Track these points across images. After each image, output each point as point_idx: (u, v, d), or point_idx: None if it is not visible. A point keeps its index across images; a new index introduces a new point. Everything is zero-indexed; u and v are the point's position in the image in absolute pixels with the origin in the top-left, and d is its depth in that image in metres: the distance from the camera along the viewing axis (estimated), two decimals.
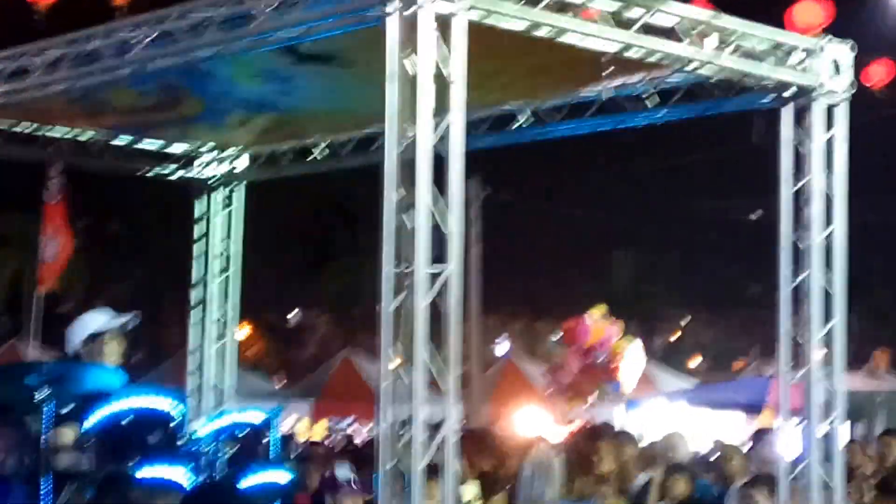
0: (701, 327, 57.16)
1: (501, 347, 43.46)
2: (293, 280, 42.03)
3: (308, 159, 12.96)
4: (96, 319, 9.33)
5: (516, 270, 40.55)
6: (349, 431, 26.03)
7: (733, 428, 21.90)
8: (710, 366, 50.51)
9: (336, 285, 38.63)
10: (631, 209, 42.42)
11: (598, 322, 20.64)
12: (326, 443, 21.30)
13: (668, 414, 23.05)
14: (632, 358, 27.29)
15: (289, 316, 46.70)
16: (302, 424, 26.70)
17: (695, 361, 52.70)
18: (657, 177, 41.33)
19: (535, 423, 21.34)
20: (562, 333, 21.43)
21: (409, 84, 8.03)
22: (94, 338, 9.22)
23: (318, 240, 40.24)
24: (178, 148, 13.27)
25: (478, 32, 8.41)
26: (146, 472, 8.40)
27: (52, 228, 19.86)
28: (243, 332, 42.17)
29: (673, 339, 55.91)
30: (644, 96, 11.03)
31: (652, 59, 9.47)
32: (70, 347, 9.35)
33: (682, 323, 58.34)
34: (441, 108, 8.11)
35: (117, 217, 40.36)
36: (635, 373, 27.35)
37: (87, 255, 40.25)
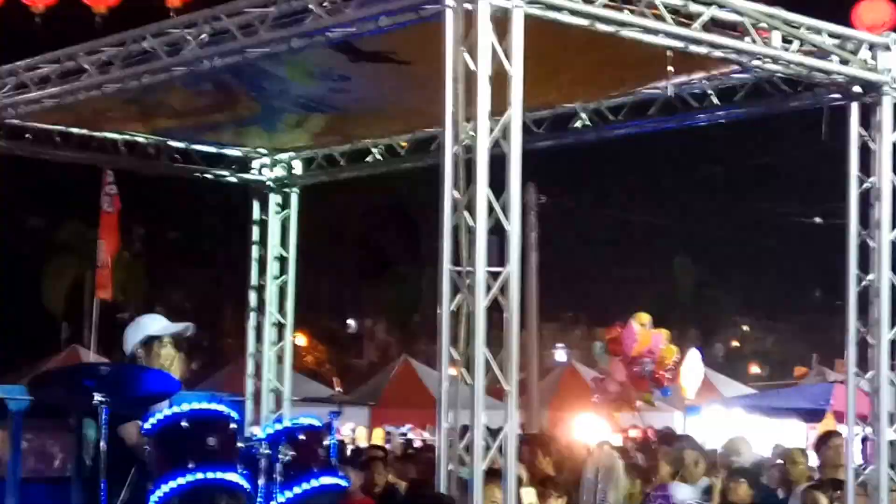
0: (762, 333, 56.78)
1: (560, 354, 43.32)
2: (352, 287, 42.03)
3: (365, 161, 12.81)
4: (153, 323, 9.24)
5: (576, 277, 40.35)
6: (408, 437, 25.91)
7: (792, 434, 21.65)
8: (770, 372, 50.12)
9: (395, 292, 38.56)
10: (692, 214, 42.10)
11: (644, 330, 20.45)
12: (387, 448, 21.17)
13: (728, 420, 22.81)
14: (691, 364, 27.10)
15: (348, 322, 46.74)
16: (359, 431, 26.61)
17: (755, 367, 52.36)
18: (718, 181, 41.02)
19: (594, 429, 21.11)
20: (607, 342, 21.27)
21: (467, 82, 7.88)
22: (150, 341, 9.13)
23: (378, 246, 40.20)
24: (234, 151, 13.16)
25: (536, 28, 8.24)
26: (206, 475, 8.29)
27: (106, 235, 19.97)
28: (302, 338, 42.29)
29: (734, 344, 55.58)
30: (708, 94, 10.79)
31: (716, 56, 9.25)
32: (126, 349, 9.26)
33: (744, 329, 57.99)
34: (499, 106, 7.94)
35: (177, 223, 40.52)
36: (695, 379, 27.16)
37: (147, 262, 40.51)
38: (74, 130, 12.26)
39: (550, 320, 38.57)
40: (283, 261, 13.33)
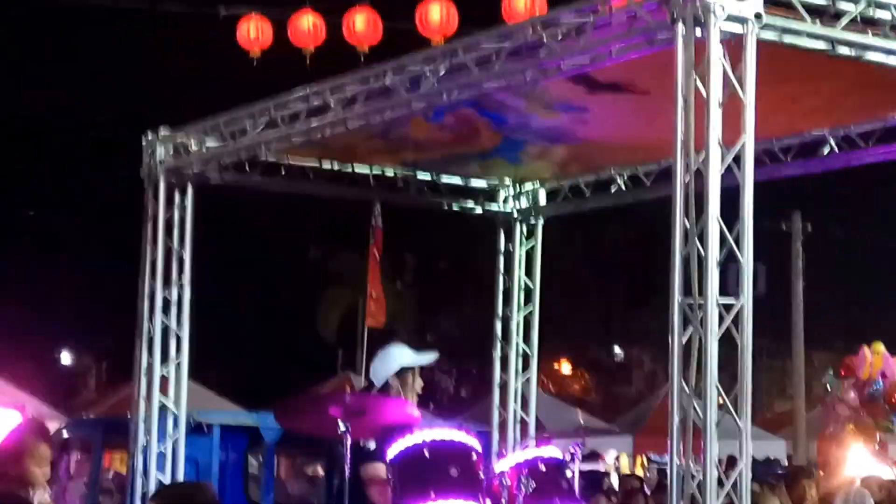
0: None
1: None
2: (618, 315, 41.85)
3: (609, 192, 12.74)
4: (404, 354, 9.39)
5: (844, 305, 39.26)
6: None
7: None
8: None
9: (660, 320, 38.08)
10: None
11: (877, 355, 19.74)
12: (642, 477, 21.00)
13: None
14: None
15: (614, 351, 46.52)
16: (623, 459, 26.45)
17: None
18: None
19: (864, 462, 20.44)
20: (840, 367, 20.62)
21: (701, 109, 7.76)
22: (404, 372, 9.28)
23: (642, 274, 39.92)
24: (480, 182, 13.27)
25: (776, 53, 8.06)
26: None
27: (370, 266, 20.37)
28: (567, 367, 42.33)
29: None
30: None
31: None
32: (377, 379, 9.42)
33: None
34: (733, 134, 7.79)
35: (448, 253, 41.11)
36: None
37: (417, 291, 41.20)
38: (326, 165, 12.54)
39: (825, 348, 37.62)
40: (529, 291, 13.33)
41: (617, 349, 46.57)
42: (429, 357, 9.45)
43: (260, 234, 38.48)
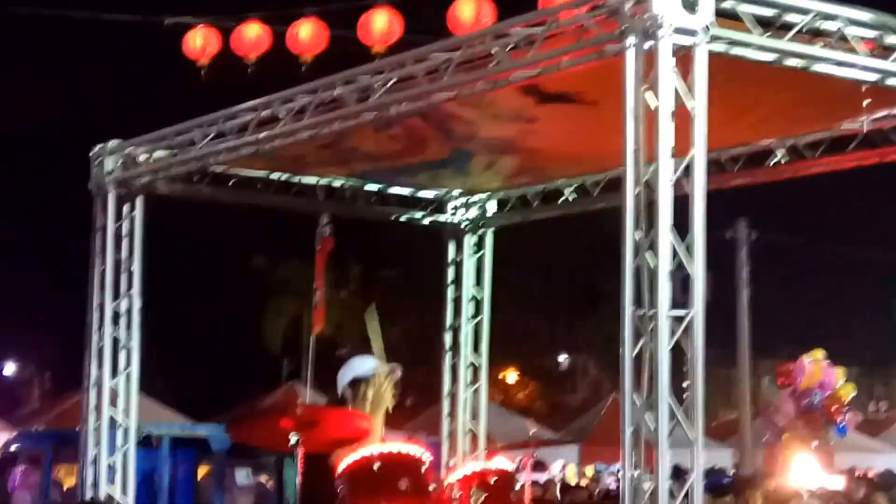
0: None
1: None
2: (563, 324, 41.88)
3: (558, 202, 12.77)
4: (361, 365, 9.40)
5: (790, 313, 39.55)
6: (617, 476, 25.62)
7: None
8: None
9: (606, 328, 38.33)
10: None
11: (816, 364, 19.88)
12: (588, 487, 21.05)
13: None
14: None
15: (559, 360, 46.58)
16: (570, 469, 26.47)
17: None
18: None
19: (811, 471, 20.55)
20: (777, 375, 20.75)
21: (650, 120, 7.77)
22: (357, 383, 9.27)
23: (588, 282, 40.00)
24: (428, 193, 13.27)
25: (725, 64, 8.09)
26: None
27: (319, 274, 20.32)
28: (513, 376, 42.31)
29: None
30: None
31: None
32: (339, 391, 9.45)
33: None
34: (683, 145, 7.81)
35: (395, 262, 41.05)
36: None
37: (364, 300, 41.09)
38: (274, 176, 12.51)
39: (769, 356, 37.87)
40: (478, 301, 13.32)
41: (562, 358, 46.64)
42: (383, 368, 9.43)
43: (204, 244, 38.29)
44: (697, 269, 7.75)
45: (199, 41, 15.72)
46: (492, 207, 13.36)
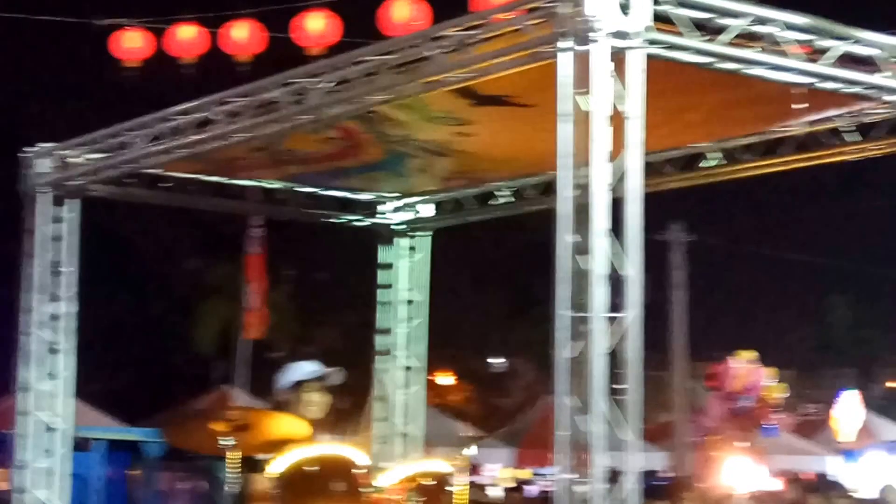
0: None
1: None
2: (498, 326, 41.97)
3: (492, 204, 12.79)
4: (301, 369, 9.35)
5: (724, 316, 39.85)
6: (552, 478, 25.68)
7: None
8: None
9: (540, 330, 38.29)
10: (848, 251, 41.33)
11: (744, 367, 20.07)
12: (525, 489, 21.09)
13: (888, 464, 22.07)
14: (847, 406, 26.52)
15: (493, 362, 46.68)
16: (504, 472, 26.50)
17: None
18: (874, 216, 40.21)
19: (744, 473, 20.71)
20: (706, 378, 20.91)
21: (584, 123, 7.77)
22: (297, 386, 9.22)
23: (523, 285, 40.13)
24: (363, 195, 13.26)
25: (660, 68, 8.11)
26: None
27: (253, 278, 20.24)
28: (448, 379, 42.37)
29: (893, 386, 54.16)
30: (844, 131, 10.54)
31: (847, 92, 9.00)
32: (277, 394, 9.41)
33: None
34: (619, 148, 7.82)
35: (329, 265, 40.96)
36: (853, 422, 26.55)
37: (298, 303, 40.97)
38: (208, 178, 12.44)
39: (705, 359, 38.20)
40: (414, 304, 13.31)
41: (497, 360, 46.73)
42: (323, 372, 9.37)
43: (135, 246, 38.04)
44: (634, 272, 7.75)
45: (131, 43, 15.66)
46: (426, 210, 13.37)
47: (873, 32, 8.89)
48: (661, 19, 8.11)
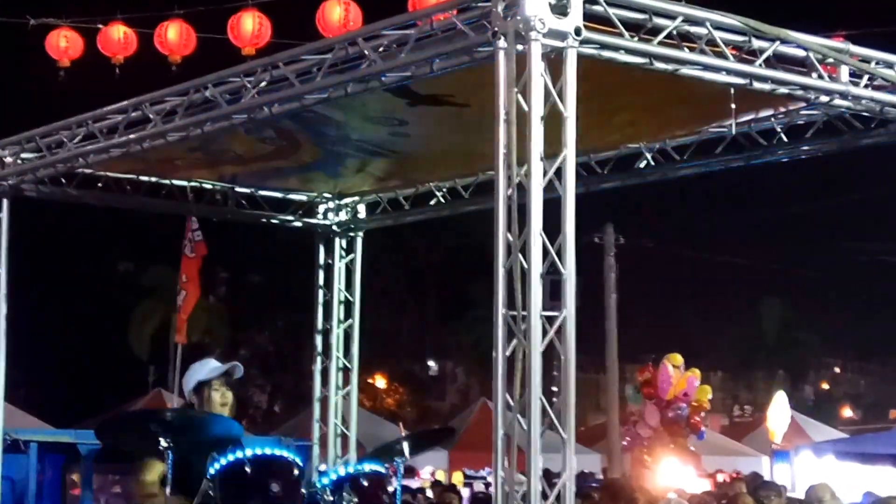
0: (854, 375, 55.95)
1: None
2: (431, 329, 41.99)
3: (429, 204, 12.79)
4: (202, 368, 9.27)
5: (660, 318, 40.08)
6: (487, 480, 25.76)
7: (887, 481, 20.98)
8: (864, 415, 49.40)
9: (475, 333, 38.50)
10: (779, 254, 41.72)
11: (678, 372, 20.17)
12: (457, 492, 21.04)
13: (817, 465, 22.27)
14: (778, 408, 26.74)
15: (428, 365, 46.71)
16: (438, 475, 26.49)
17: (847, 411, 51.55)
18: (805, 220, 40.61)
19: (678, 474, 20.82)
20: (640, 384, 20.96)
21: (520, 123, 7.78)
22: (201, 386, 9.16)
23: (456, 287, 40.15)
24: (299, 196, 13.24)
25: (594, 68, 8.14)
26: None
27: (187, 280, 20.12)
28: (382, 381, 42.33)
29: (824, 387, 54.76)
30: (776, 132, 10.63)
31: (781, 93, 9.07)
32: (185, 397, 9.35)
33: (835, 371, 57.18)
34: (554, 148, 7.84)
35: (260, 267, 40.82)
36: (782, 423, 26.78)
37: (230, 306, 40.82)
38: (143, 178, 12.38)
39: (635, 361, 38.44)
40: (348, 305, 13.32)
41: (431, 363, 46.77)
42: (224, 368, 9.30)
43: (68, 247, 37.73)
44: (569, 271, 7.78)
45: (62, 42, 15.56)
46: (362, 210, 13.38)
47: (805, 34, 8.95)
48: (597, 20, 8.14)
